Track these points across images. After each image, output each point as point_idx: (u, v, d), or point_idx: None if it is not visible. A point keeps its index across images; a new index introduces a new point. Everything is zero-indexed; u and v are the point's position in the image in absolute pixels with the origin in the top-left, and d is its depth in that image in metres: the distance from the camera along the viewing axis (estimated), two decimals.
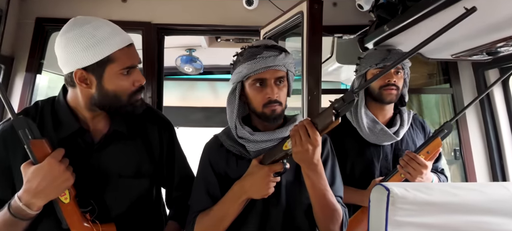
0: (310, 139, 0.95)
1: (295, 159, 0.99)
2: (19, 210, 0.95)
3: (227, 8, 2.14)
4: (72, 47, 0.98)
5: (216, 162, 1.14)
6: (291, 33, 1.89)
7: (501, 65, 2.00)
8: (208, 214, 1.09)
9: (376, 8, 1.74)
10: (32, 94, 2.01)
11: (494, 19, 1.30)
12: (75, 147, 1.05)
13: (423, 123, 1.68)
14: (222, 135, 1.18)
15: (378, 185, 0.82)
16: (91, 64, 0.98)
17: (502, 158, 2.10)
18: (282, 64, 1.09)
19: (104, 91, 1.02)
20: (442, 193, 0.83)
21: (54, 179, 0.94)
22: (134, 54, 1.05)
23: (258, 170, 1.03)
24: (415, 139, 1.61)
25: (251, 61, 1.07)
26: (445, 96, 2.44)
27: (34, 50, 2.00)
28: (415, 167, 1.37)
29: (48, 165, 0.94)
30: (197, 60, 3.35)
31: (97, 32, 0.98)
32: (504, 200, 0.84)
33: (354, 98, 0.92)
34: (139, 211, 1.15)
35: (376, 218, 0.81)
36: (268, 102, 1.08)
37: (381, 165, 1.56)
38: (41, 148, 0.96)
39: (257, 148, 1.10)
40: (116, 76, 1.01)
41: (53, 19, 2.04)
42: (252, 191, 1.03)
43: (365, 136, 1.55)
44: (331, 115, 0.94)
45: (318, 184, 1.02)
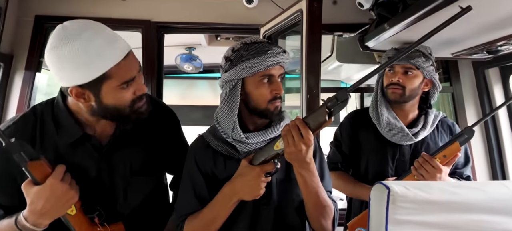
0: (303, 138, 0.93)
1: (288, 159, 0.98)
2: (26, 228, 0.94)
3: (227, 7, 2.14)
4: (64, 64, 0.91)
5: (202, 163, 1.11)
6: (290, 31, 1.89)
7: (502, 64, 2.00)
8: (197, 217, 1.06)
9: (376, 7, 1.74)
10: (32, 92, 2.01)
11: (494, 18, 1.29)
12: (84, 153, 1.03)
13: (451, 126, 1.61)
14: (208, 134, 1.14)
15: (378, 184, 0.82)
16: (85, 82, 0.92)
17: (502, 157, 2.10)
18: (286, 61, 1.10)
19: (104, 106, 0.97)
20: (442, 192, 0.83)
21: (58, 200, 0.92)
22: (132, 65, 0.97)
23: (249, 171, 1.01)
24: (439, 142, 1.55)
25: (262, 56, 1.04)
26: (445, 94, 2.44)
27: (33, 48, 2.00)
28: (429, 169, 1.33)
29: (50, 187, 0.91)
30: (197, 59, 3.34)
31: (89, 46, 0.89)
32: (504, 199, 0.84)
33: (347, 97, 0.90)
34: (150, 206, 1.15)
35: (376, 217, 0.81)
36: (273, 98, 1.07)
37: (397, 165, 1.54)
38: (40, 168, 0.92)
39: (248, 148, 1.07)
40: (114, 91, 0.95)
41: (52, 17, 2.04)
42: (244, 192, 1.01)
43: (382, 132, 1.53)
44: (324, 114, 0.92)
45: (311, 182, 1.01)
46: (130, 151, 1.10)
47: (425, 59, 1.50)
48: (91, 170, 1.03)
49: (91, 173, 1.03)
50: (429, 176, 1.34)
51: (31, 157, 0.90)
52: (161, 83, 2.22)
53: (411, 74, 1.50)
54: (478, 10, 1.23)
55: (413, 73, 1.50)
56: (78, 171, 1.00)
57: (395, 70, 1.52)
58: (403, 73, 1.50)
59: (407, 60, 1.48)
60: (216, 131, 1.12)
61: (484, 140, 2.16)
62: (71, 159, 1.00)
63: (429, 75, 1.51)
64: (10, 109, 1.98)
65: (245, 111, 1.11)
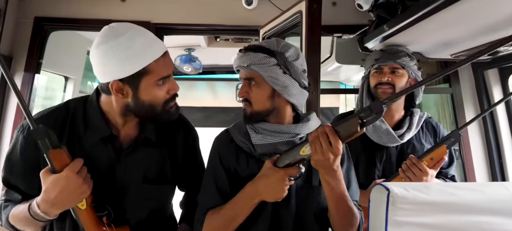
0: (332, 147, 0.91)
1: (315, 166, 0.96)
2: (37, 215, 0.97)
3: (227, 8, 2.14)
4: (108, 59, 0.97)
5: (225, 157, 1.12)
6: (290, 32, 1.89)
7: (501, 65, 2.00)
8: (218, 212, 1.07)
9: (375, 8, 1.74)
10: (31, 94, 2.00)
11: (493, 19, 1.30)
12: (104, 151, 1.07)
13: (436, 126, 1.64)
14: (233, 129, 1.16)
15: (378, 185, 0.82)
16: (127, 76, 0.98)
17: (501, 158, 2.10)
18: (245, 65, 1.08)
19: (140, 102, 1.02)
20: (442, 193, 0.83)
21: (71, 192, 0.95)
22: (169, 64, 1.05)
23: (274, 173, 1.00)
24: (424, 142, 1.57)
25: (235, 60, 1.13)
26: (444, 96, 2.44)
27: (32, 50, 2.00)
28: (416, 172, 1.36)
29: (66, 178, 0.94)
30: (196, 60, 3.34)
31: (132, 44, 0.97)
32: (504, 200, 0.84)
33: (383, 110, 0.87)
34: (157, 216, 1.15)
35: (376, 218, 0.81)
36: (241, 101, 1.11)
37: (384, 166, 1.55)
38: (60, 157, 0.96)
39: (263, 141, 1.08)
40: (151, 87, 1.01)
41: (51, 19, 2.04)
42: (266, 193, 1.01)
43: (369, 134, 1.55)
44: (356, 124, 0.89)
45: (337, 189, 1.00)
46: (146, 158, 1.11)
47: (410, 58, 1.54)
48: (107, 169, 1.07)
49: (106, 171, 1.06)
50: (416, 179, 1.36)
51: (53, 145, 0.95)
52: None
53: (399, 74, 1.54)
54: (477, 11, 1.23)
55: (400, 73, 1.54)
56: (94, 169, 1.02)
57: (383, 70, 1.55)
58: (391, 73, 1.54)
59: (394, 60, 1.52)
60: (241, 126, 1.14)
61: (483, 141, 2.16)
62: (91, 155, 1.04)
63: (413, 75, 1.56)
64: (9, 111, 1.97)
65: None
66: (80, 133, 1.06)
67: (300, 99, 1.13)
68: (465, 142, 2.16)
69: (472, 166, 2.13)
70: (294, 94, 1.09)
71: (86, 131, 1.05)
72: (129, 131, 1.10)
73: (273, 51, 1.08)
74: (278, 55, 1.08)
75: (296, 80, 1.10)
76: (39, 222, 1.00)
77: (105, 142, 1.06)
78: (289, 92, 1.08)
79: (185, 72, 3.43)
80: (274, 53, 1.08)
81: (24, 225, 1.02)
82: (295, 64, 1.10)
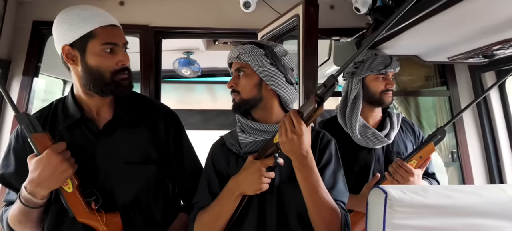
0: (295, 128, 0.94)
1: (283, 150, 0.98)
2: (26, 199, 1.02)
3: (225, 11, 2.15)
4: (61, 26, 1.07)
5: (217, 160, 1.17)
6: (288, 36, 1.89)
7: (497, 68, 2.01)
8: (206, 210, 1.10)
9: (373, 11, 1.75)
10: (29, 98, 2.00)
11: (490, 22, 1.31)
12: (81, 135, 1.12)
13: (412, 125, 1.70)
14: (227, 134, 1.21)
15: (376, 188, 0.83)
16: (75, 40, 1.05)
17: (499, 160, 2.11)
18: (235, 56, 1.14)
19: (88, 67, 1.07)
20: (440, 196, 0.83)
21: (53, 170, 0.99)
22: (116, 34, 1.10)
23: (251, 165, 1.03)
24: (406, 141, 1.62)
25: None
26: (442, 98, 2.45)
27: (31, 54, 1.99)
28: (403, 174, 1.39)
29: (47, 157, 0.99)
30: (195, 63, 3.34)
31: (83, 12, 1.06)
32: (501, 203, 0.84)
33: (334, 82, 0.90)
34: (147, 199, 1.16)
35: (373, 221, 0.81)
36: (231, 92, 1.16)
37: (374, 168, 1.57)
38: (42, 140, 1.01)
39: (248, 139, 1.12)
40: (98, 53, 1.06)
41: (50, 23, 1.98)
42: (245, 185, 1.03)
43: (357, 140, 1.57)
44: (313, 102, 0.93)
45: (309, 179, 1.00)
46: (125, 139, 1.15)
47: None
48: (87, 153, 1.11)
49: (87, 155, 1.10)
50: (403, 181, 1.39)
51: (36, 130, 1.02)
52: (159, 88, 2.22)
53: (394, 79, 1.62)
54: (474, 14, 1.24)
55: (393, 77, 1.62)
56: (77, 154, 1.07)
57: (389, 76, 1.57)
58: (392, 79, 1.60)
59: (398, 66, 1.57)
60: (234, 131, 1.19)
61: (481, 142, 2.17)
62: (70, 141, 1.09)
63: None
64: (8, 115, 1.97)
65: None
66: (61, 123, 1.13)
67: (287, 93, 1.15)
68: (463, 144, 2.17)
69: (470, 169, 2.14)
70: (280, 84, 1.13)
71: (64, 120, 1.13)
72: (105, 114, 1.15)
73: (262, 44, 1.15)
74: (266, 48, 1.14)
75: (283, 73, 1.14)
76: (31, 210, 1.04)
77: (80, 125, 1.12)
78: (275, 82, 1.12)
79: (184, 75, 3.43)
80: (263, 46, 1.14)
81: (20, 221, 1.07)
82: (283, 59, 1.16)
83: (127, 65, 1.12)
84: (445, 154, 2.37)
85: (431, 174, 1.62)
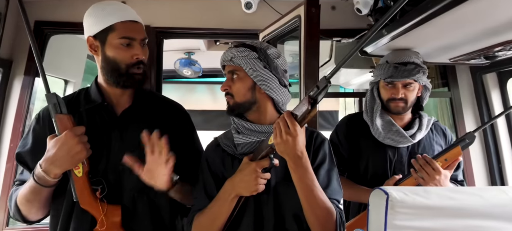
0: (289, 129, 0.95)
1: (278, 151, 0.98)
2: (40, 176, 1.07)
3: (226, 12, 2.15)
4: (88, 19, 1.16)
5: (212, 163, 1.16)
6: (289, 36, 1.90)
7: (499, 69, 2.01)
8: (203, 212, 1.11)
9: (374, 12, 1.75)
10: (31, 98, 2.00)
11: (492, 24, 1.30)
12: (99, 120, 1.19)
13: (444, 130, 1.66)
14: (222, 135, 1.21)
15: (377, 189, 0.82)
16: (97, 32, 1.13)
17: (500, 162, 2.11)
18: (228, 59, 1.14)
19: (107, 57, 1.14)
20: (441, 197, 0.83)
21: (68, 151, 1.04)
22: (135, 29, 1.15)
23: (246, 166, 1.04)
24: (434, 144, 1.59)
25: None
26: (443, 100, 2.45)
27: (32, 54, 1.99)
28: (429, 172, 1.35)
29: (65, 137, 1.05)
30: (196, 64, 3.34)
31: (107, 7, 1.15)
32: (503, 205, 0.84)
33: (327, 84, 0.91)
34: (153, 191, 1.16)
35: (375, 222, 0.81)
36: (225, 95, 1.16)
37: (395, 167, 1.56)
38: (64, 122, 1.07)
39: (243, 140, 1.12)
40: (116, 45, 1.13)
41: (52, 22, 2.04)
42: (240, 187, 1.03)
43: (378, 137, 1.56)
44: (307, 103, 0.93)
45: (304, 179, 1.01)
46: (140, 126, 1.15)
47: (423, 72, 1.56)
48: (104, 136, 1.16)
49: (103, 138, 1.16)
50: (429, 178, 1.36)
51: (61, 111, 1.08)
52: (160, 88, 2.23)
53: (411, 88, 1.56)
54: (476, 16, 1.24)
55: (413, 86, 1.56)
56: (94, 136, 1.12)
57: (396, 86, 1.55)
58: (404, 87, 1.55)
59: (408, 77, 1.53)
60: (229, 132, 1.19)
61: (483, 145, 2.16)
62: (89, 123, 1.15)
63: (423, 82, 1.58)
64: (9, 114, 1.97)
65: None
66: (81, 107, 1.20)
67: (280, 95, 1.16)
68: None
69: (471, 171, 2.13)
70: (273, 88, 1.13)
71: (86, 104, 1.20)
72: (124, 103, 1.22)
73: (255, 47, 1.14)
74: (259, 50, 1.14)
75: (276, 76, 1.14)
76: (42, 189, 1.08)
77: (100, 111, 1.19)
78: (269, 86, 1.12)
79: (185, 75, 3.44)
80: (256, 49, 1.14)
81: (28, 200, 1.11)
82: (276, 62, 1.15)
83: (142, 59, 1.17)
84: None
85: (460, 181, 1.59)
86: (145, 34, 1.18)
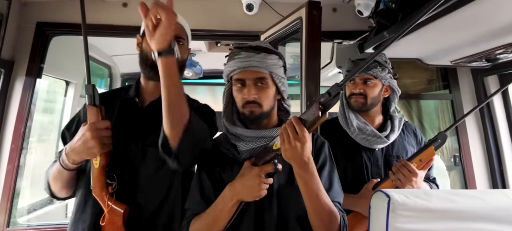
0: (298, 135, 0.93)
1: (285, 157, 0.97)
2: (62, 159, 1.14)
3: (227, 13, 2.15)
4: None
5: (210, 165, 1.14)
6: (291, 38, 1.90)
7: (500, 72, 2.01)
8: (201, 217, 1.08)
9: (375, 14, 1.75)
10: (32, 99, 2.00)
11: (493, 26, 1.30)
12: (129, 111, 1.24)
13: (415, 130, 1.69)
14: (218, 137, 1.20)
15: (379, 192, 0.82)
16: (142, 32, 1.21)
17: (501, 164, 2.10)
18: (261, 65, 1.09)
19: (141, 51, 1.21)
20: (443, 200, 0.83)
21: (84, 143, 1.09)
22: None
23: (249, 171, 1.01)
24: (406, 144, 1.61)
25: (232, 61, 1.12)
26: (444, 102, 2.45)
27: (34, 55, 2.00)
28: (405, 173, 1.38)
29: (84, 129, 1.10)
30: (197, 65, 3.34)
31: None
32: (505, 208, 0.84)
33: (339, 91, 0.90)
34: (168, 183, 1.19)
35: (376, 225, 0.81)
36: (246, 103, 1.10)
37: (372, 170, 1.57)
38: (93, 113, 1.12)
39: (247, 147, 1.10)
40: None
41: (53, 24, 2.05)
42: (244, 193, 1.01)
43: (355, 137, 1.57)
44: (317, 110, 0.92)
45: (310, 184, 0.99)
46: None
47: (382, 68, 1.56)
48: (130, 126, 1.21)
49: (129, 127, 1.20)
50: (405, 180, 1.38)
51: (94, 103, 1.13)
52: None
53: (371, 84, 1.57)
54: (478, 18, 1.24)
55: (373, 83, 1.57)
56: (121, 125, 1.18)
57: (355, 81, 1.59)
58: (363, 83, 1.57)
59: (365, 72, 1.56)
60: (225, 135, 1.18)
61: (484, 146, 2.16)
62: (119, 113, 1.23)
63: (387, 82, 1.59)
64: (10, 115, 1.97)
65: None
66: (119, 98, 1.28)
67: (288, 101, 1.20)
68: (466, 148, 2.16)
69: (472, 173, 2.13)
70: (287, 92, 1.16)
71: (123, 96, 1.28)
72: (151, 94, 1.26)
73: (278, 53, 1.15)
74: (281, 57, 1.15)
75: None
76: (64, 171, 1.14)
77: (132, 103, 1.25)
78: (287, 93, 1.15)
79: (186, 77, 3.44)
80: (281, 56, 1.15)
81: (55, 178, 1.18)
82: None
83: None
84: (448, 157, 2.36)
85: (432, 179, 1.62)
86: (181, 33, 1.23)
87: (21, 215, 2.21)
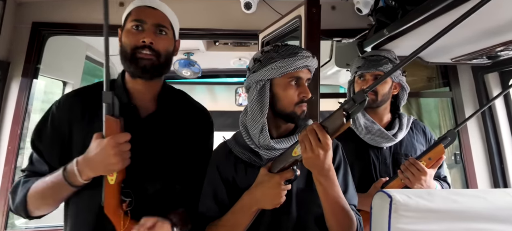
0: (321, 143, 0.90)
1: (306, 165, 0.94)
2: (72, 173, 1.00)
3: (226, 12, 2.14)
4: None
5: (224, 170, 1.11)
6: (289, 37, 1.88)
7: (501, 69, 2.00)
8: (217, 225, 1.06)
9: (375, 12, 1.74)
10: (28, 99, 1.99)
11: (494, 23, 1.29)
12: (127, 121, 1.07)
13: (424, 128, 1.67)
14: (231, 140, 1.16)
15: (380, 192, 0.81)
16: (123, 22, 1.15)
17: (502, 162, 2.09)
18: (314, 66, 1.12)
19: (122, 45, 1.12)
20: (445, 200, 0.82)
21: (104, 159, 0.97)
22: (145, 13, 1.11)
23: (269, 179, 0.99)
24: (415, 143, 1.60)
25: (291, 58, 1.06)
26: (444, 99, 2.44)
27: (30, 55, 1.98)
28: (414, 172, 1.36)
29: (106, 144, 0.97)
30: (195, 64, 3.33)
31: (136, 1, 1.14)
32: (508, 207, 0.83)
33: (365, 98, 0.86)
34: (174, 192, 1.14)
35: (378, 225, 0.80)
36: (300, 101, 1.07)
37: (380, 169, 1.56)
38: (112, 126, 0.99)
39: (273, 154, 1.07)
40: (128, 30, 1.10)
41: (49, 24, 2.03)
42: (264, 201, 1.00)
43: (362, 136, 1.56)
44: (341, 117, 0.88)
45: (330, 191, 0.98)
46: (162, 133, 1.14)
47: (392, 65, 1.55)
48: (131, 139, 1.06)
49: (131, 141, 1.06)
50: (414, 178, 1.36)
51: (113, 113, 0.99)
52: None
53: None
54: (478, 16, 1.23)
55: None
56: None
57: (366, 77, 1.58)
58: (374, 80, 1.56)
59: (376, 68, 1.55)
60: (239, 137, 1.14)
61: (485, 145, 2.15)
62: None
63: (397, 79, 1.58)
64: (7, 117, 1.96)
65: (270, 114, 1.10)
66: None
67: None
68: (466, 147, 2.15)
69: (473, 172, 2.12)
70: None
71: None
72: (149, 105, 1.16)
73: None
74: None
75: None
76: (67, 187, 1.01)
77: (127, 111, 1.09)
78: None
79: (184, 76, 3.42)
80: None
81: (44, 196, 1.04)
82: None
83: (150, 43, 1.08)
84: (448, 155, 2.35)
85: (443, 177, 1.60)
86: (161, 21, 1.13)
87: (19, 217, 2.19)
